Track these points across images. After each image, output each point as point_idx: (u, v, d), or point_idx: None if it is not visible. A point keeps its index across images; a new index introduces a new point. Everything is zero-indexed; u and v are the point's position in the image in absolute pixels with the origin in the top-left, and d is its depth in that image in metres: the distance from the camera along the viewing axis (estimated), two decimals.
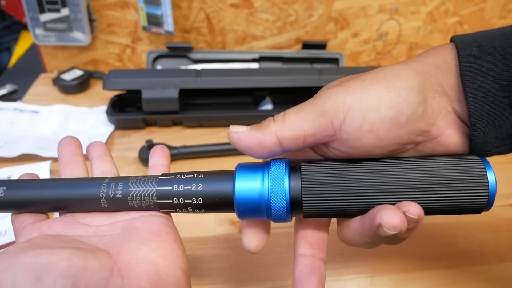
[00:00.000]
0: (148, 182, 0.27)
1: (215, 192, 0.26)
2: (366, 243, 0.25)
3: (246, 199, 0.25)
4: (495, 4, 0.74)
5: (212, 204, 0.26)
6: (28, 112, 0.61)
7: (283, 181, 0.25)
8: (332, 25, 0.72)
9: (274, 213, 0.25)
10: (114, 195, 0.26)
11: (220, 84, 0.58)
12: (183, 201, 0.26)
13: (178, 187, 0.26)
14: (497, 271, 0.41)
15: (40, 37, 0.67)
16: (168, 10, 0.64)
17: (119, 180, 0.27)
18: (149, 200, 0.26)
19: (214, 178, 0.26)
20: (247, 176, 0.26)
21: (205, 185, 0.26)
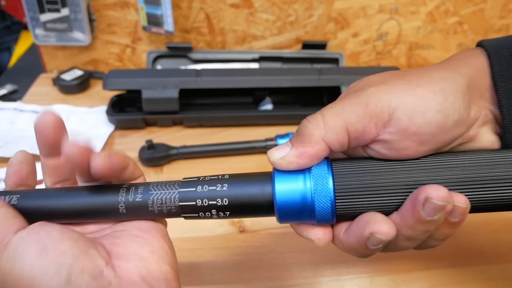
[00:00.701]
0: (170, 185, 0.26)
1: (247, 195, 0.25)
2: (410, 238, 0.23)
3: (287, 201, 0.24)
4: (495, 4, 0.74)
5: (241, 207, 0.25)
6: (28, 112, 0.61)
7: (326, 181, 0.23)
8: (332, 25, 0.72)
9: (318, 215, 0.24)
10: (133, 199, 0.25)
11: (220, 84, 0.58)
12: (207, 203, 0.25)
13: (201, 188, 0.25)
14: (497, 271, 0.41)
15: (40, 37, 0.67)
16: (168, 10, 0.64)
17: (139, 184, 0.26)
18: (170, 203, 0.25)
19: (243, 181, 0.25)
20: (287, 178, 0.24)
21: (231, 187, 0.25)
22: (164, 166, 0.53)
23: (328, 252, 0.42)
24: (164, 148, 0.53)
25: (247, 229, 0.44)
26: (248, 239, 0.43)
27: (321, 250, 0.42)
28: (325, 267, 0.40)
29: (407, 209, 0.23)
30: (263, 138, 0.55)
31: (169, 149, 0.53)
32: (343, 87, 0.59)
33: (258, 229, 0.44)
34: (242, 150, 0.55)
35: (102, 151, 0.24)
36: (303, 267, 0.40)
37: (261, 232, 0.44)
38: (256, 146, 0.55)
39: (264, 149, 0.55)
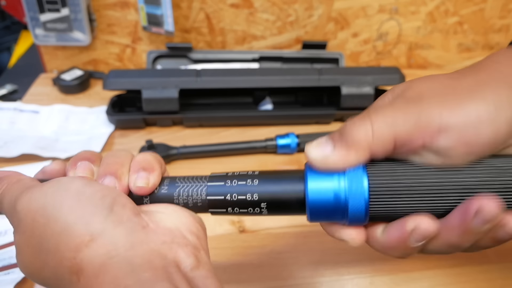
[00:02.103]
0: (197, 179, 0.25)
1: (278, 192, 0.24)
2: (452, 245, 0.23)
3: (320, 200, 0.23)
4: (495, 4, 0.74)
5: (272, 204, 0.24)
6: (28, 112, 0.61)
7: (361, 180, 0.23)
8: (332, 25, 0.72)
9: (351, 215, 0.23)
10: (159, 191, 0.25)
11: (220, 84, 0.58)
12: (237, 198, 0.24)
13: (231, 182, 0.25)
14: (497, 271, 0.41)
15: (40, 37, 0.67)
16: (168, 10, 0.64)
17: (165, 178, 0.26)
18: (197, 196, 0.25)
19: (275, 177, 0.25)
20: (320, 176, 0.24)
21: (262, 183, 0.24)
22: None
23: (328, 252, 0.42)
24: (164, 148, 0.53)
25: (247, 229, 0.44)
26: (248, 239, 0.43)
27: (321, 250, 0.42)
28: (325, 267, 0.40)
29: (454, 217, 0.22)
30: (263, 138, 0.55)
31: (169, 149, 0.53)
32: (343, 87, 0.59)
33: (258, 229, 0.44)
34: (242, 150, 0.55)
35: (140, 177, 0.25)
36: (303, 267, 0.40)
37: (261, 232, 0.44)
38: (256, 146, 0.55)
39: (264, 149, 0.55)
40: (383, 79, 0.60)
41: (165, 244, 0.22)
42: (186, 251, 0.22)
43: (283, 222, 0.45)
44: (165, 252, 0.21)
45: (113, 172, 0.24)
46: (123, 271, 0.20)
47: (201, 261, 0.23)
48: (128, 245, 0.21)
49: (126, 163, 0.25)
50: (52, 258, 0.21)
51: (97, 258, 0.20)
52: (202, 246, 0.24)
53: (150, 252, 0.21)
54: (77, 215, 0.21)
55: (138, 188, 0.25)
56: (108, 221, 0.21)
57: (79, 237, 0.21)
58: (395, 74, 0.61)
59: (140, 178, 0.25)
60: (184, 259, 0.22)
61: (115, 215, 0.22)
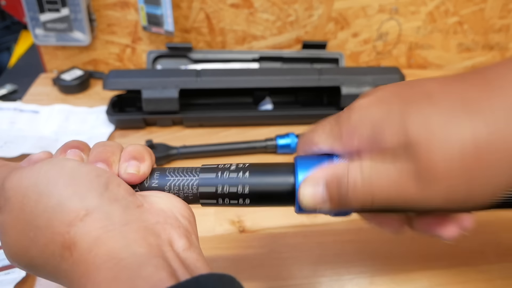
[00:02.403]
0: (188, 171, 0.26)
1: (268, 184, 0.25)
2: None
3: None
4: (495, 4, 0.74)
5: (262, 196, 0.25)
6: (28, 112, 0.61)
7: None
8: (332, 25, 0.72)
9: None
10: (149, 184, 0.26)
11: (220, 84, 0.58)
12: (228, 189, 0.25)
13: (222, 174, 0.25)
14: (497, 271, 0.41)
15: (40, 37, 0.67)
16: (168, 10, 0.64)
17: (155, 170, 0.26)
18: (188, 190, 0.26)
19: (265, 169, 0.25)
20: (310, 168, 0.24)
21: (253, 175, 0.25)
22: (164, 166, 0.53)
23: (328, 252, 0.42)
24: (164, 148, 0.53)
25: (247, 229, 0.44)
26: (248, 239, 0.43)
27: (321, 250, 0.42)
28: (325, 267, 0.40)
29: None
30: (263, 138, 0.55)
31: (169, 149, 0.53)
32: (343, 87, 0.59)
33: (258, 229, 0.44)
34: (242, 150, 0.55)
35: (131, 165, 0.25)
36: (303, 267, 0.40)
37: (261, 232, 0.44)
38: (256, 146, 0.55)
39: (264, 149, 0.55)
40: (383, 79, 0.60)
41: (158, 224, 0.22)
42: (178, 232, 0.23)
43: (283, 222, 0.45)
44: (159, 231, 0.22)
45: (104, 159, 0.24)
46: (118, 245, 0.20)
47: (193, 243, 0.23)
48: (123, 221, 0.21)
49: (116, 152, 0.25)
50: (42, 234, 0.21)
51: (92, 232, 0.20)
52: (193, 231, 0.25)
53: (145, 229, 0.21)
54: (72, 191, 0.21)
55: (129, 175, 0.25)
56: (104, 197, 0.21)
57: (74, 211, 0.21)
58: (395, 74, 0.61)
59: (130, 166, 0.25)
60: (176, 240, 0.22)
61: (111, 193, 0.22)
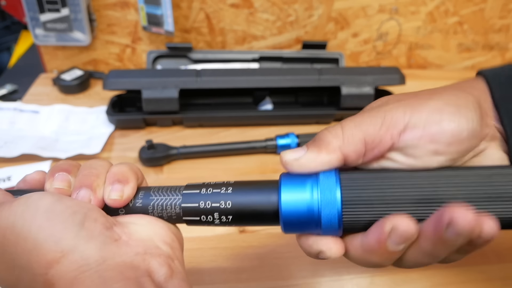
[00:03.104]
0: (172, 191, 0.26)
1: (251, 202, 0.24)
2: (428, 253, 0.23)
3: (293, 211, 0.23)
4: (495, 4, 0.74)
5: (245, 214, 0.24)
6: (28, 112, 0.61)
7: (334, 191, 0.23)
8: (332, 25, 0.72)
9: (325, 226, 0.23)
10: (134, 204, 0.25)
11: (220, 84, 0.58)
12: (210, 205, 0.25)
13: (206, 190, 0.25)
14: (497, 271, 0.41)
15: (40, 37, 0.67)
16: (168, 10, 0.64)
17: (140, 189, 0.26)
18: (171, 209, 0.25)
19: (249, 187, 0.25)
20: (294, 187, 0.24)
21: (236, 192, 0.25)
22: (164, 166, 0.53)
23: None
24: (164, 148, 0.53)
25: (247, 229, 0.44)
26: (248, 239, 0.43)
27: None
28: (325, 267, 0.40)
29: (428, 226, 0.22)
30: (263, 138, 0.55)
31: (169, 149, 0.53)
32: (343, 87, 0.59)
33: (258, 229, 0.44)
34: (242, 150, 0.55)
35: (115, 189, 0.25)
36: (303, 267, 0.40)
37: (261, 232, 0.44)
38: (256, 146, 0.55)
39: (264, 149, 0.55)
40: (383, 79, 0.60)
41: (137, 256, 0.22)
42: (159, 261, 0.23)
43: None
44: (138, 263, 0.22)
45: (89, 184, 0.25)
46: (94, 284, 0.20)
47: (175, 270, 0.23)
48: (100, 259, 0.21)
49: (102, 174, 0.26)
50: (25, 274, 0.21)
51: (68, 274, 0.20)
52: (176, 256, 0.25)
53: (122, 264, 0.21)
54: (47, 233, 0.21)
55: (112, 201, 0.25)
56: (79, 236, 0.21)
57: (50, 254, 0.21)
58: (395, 74, 0.61)
59: (114, 190, 0.25)
60: (157, 269, 0.22)
61: (86, 230, 0.22)
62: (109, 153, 0.55)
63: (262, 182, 0.25)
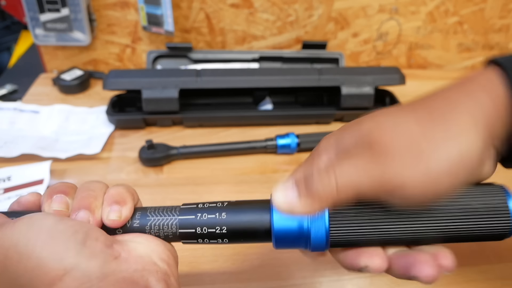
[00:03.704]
0: (168, 211, 0.27)
1: (245, 224, 0.26)
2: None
3: (285, 230, 0.25)
4: (495, 4, 0.74)
5: (239, 235, 0.26)
6: (28, 112, 0.61)
7: (323, 212, 0.25)
8: (332, 25, 0.72)
9: (313, 243, 0.25)
10: (131, 225, 0.26)
11: (220, 84, 0.58)
12: (206, 230, 0.26)
13: (201, 216, 0.26)
14: (497, 271, 0.41)
15: (40, 37, 0.67)
16: (168, 10, 0.64)
17: (137, 210, 0.27)
18: (168, 229, 0.26)
19: (242, 209, 0.26)
20: None
21: (230, 215, 0.26)
22: (164, 166, 0.53)
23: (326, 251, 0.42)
24: (164, 148, 0.53)
25: None
26: None
27: None
28: (325, 267, 0.40)
29: (399, 268, 0.25)
30: (263, 138, 0.55)
31: (169, 149, 0.53)
32: (343, 87, 0.59)
33: None
34: (242, 150, 0.55)
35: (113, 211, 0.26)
36: (303, 267, 0.40)
37: None
38: (256, 146, 0.55)
39: (264, 149, 0.55)
40: (383, 79, 0.60)
41: (136, 272, 0.23)
42: (156, 277, 0.24)
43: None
44: (137, 279, 0.23)
45: (87, 206, 0.25)
46: None
47: (171, 286, 0.24)
48: (101, 276, 0.22)
49: (99, 196, 0.26)
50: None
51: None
52: (172, 272, 0.26)
53: (122, 280, 0.22)
54: (50, 251, 0.22)
55: (111, 221, 0.26)
56: (81, 255, 0.22)
57: (53, 272, 0.21)
58: (395, 74, 0.61)
59: (112, 211, 0.26)
60: (154, 285, 0.23)
61: (88, 249, 0.22)
62: (109, 153, 0.55)
63: (254, 202, 0.27)
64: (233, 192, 0.50)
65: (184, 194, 0.49)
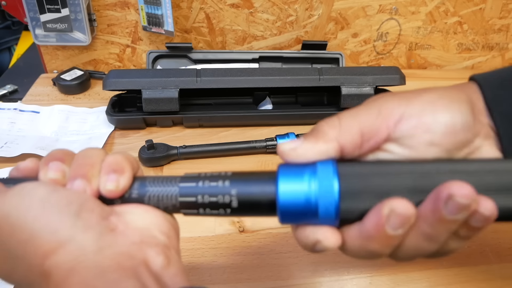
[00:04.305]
0: (168, 181, 0.25)
1: (249, 193, 0.24)
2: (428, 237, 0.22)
3: (291, 202, 0.23)
4: (495, 4, 0.74)
5: (243, 206, 0.24)
6: (28, 112, 0.61)
7: (331, 182, 0.23)
8: (332, 25, 0.72)
9: (322, 217, 0.23)
10: (129, 194, 0.25)
11: (220, 84, 0.58)
12: (208, 199, 0.24)
13: (203, 183, 0.25)
14: (497, 271, 0.41)
15: (40, 37, 0.67)
16: (168, 10, 0.64)
17: (136, 179, 0.26)
18: (167, 200, 0.25)
19: (247, 179, 0.25)
20: (291, 178, 0.24)
21: (234, 184, 0.24)
22: (164, 166, 0.53)
23: (328, 252, 0.42)
24: (164, 148, 0.53)
25: (247, 229, 0.44)
26: (248, 239, 0.43)
27: None
28: (325, 267, 0.40)
29: (427, 205, 0.22)
30: (263, 138, 0.55)
31: (169, 149, 0.53)
32: (343, 87, 0.59)
33: (258, 229, 0.44)
34: (242, 150, 0.55)
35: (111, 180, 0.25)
36: (303, 267, 0.40)
37: (261, 232, 0.44)
38: (256, 146, 0.55)
39: (264, 149, 0.55)
40: (383, 79, 0.60)
41: (134, 245, 0.22)
42: (156, 250, 0.23)
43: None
44: (134, 252, 0.22)
45: (83, 174, 0.24)
46: (91, 274, 0.20)
47: (171, 259, 0.23)
48: (96, 249, 0.21)
49: (97, 163, 0.25)
50: (21, 263, 0.21)
51: (65, 264, 0.20)
52: (172, 245, 0.24)
53: (119, 254, 0.21)
54: (42, 223, 0.21)
55: (108, 191, 0.24)
56: (76, 227, 0.21)
57: (46, 244, 0.21)
58: (395, 74, 0.61)
59: (110, 181, 0.24)
60: (153, 258, 0.22)
61: (83, 220, 0.22)
62: None
63: (260, 173, 0.25)
64: None
65: None
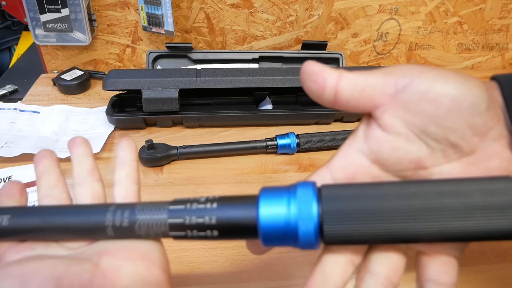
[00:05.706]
0: (156, 208, 0.25)
1: (234, 219, 0.24)
2: None
3: (271, 226, 0.23)
4: (495, 4, 0.74)
5: (229, 231, 0.24)
6: (28, 112, 0.61)
7: (310, 205, 0.23)
8: (332, 25, 0.72)
9: (302, 240, 0.23)
10: (121, 223, 0.25)
11: (220, 84, 0.58)
12: (195, 221, 0.24)
13: (191, 205, 0.25)
14: (497, 271, 0.41)
15: (40, 37, 0.67)
16: (168, 10, 0.64)
17: (125, 207, 0.26)
18: (157, 228, 0.25)
19: (231, 203, 0.25)
20: (272, 202, 0.24)
21: (220, 209, 0.24)
22: (164, 166, 0.53)
23: None
24: (164, 148, 0.53)
25: None
26: None
27: None
28: None
29: None
30: (263, 138, 0.55)
31: (169, 149, 0.53)
32: None
33: None
34: (242, 150, 0.55)
35: None
36: (303, 267, 0.40)
37: None
38: (256, 146, 0.55)
39: (264, 149, 0.55)
40: None
41: None
42: None
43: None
44: None
45: None
46: None
47: None
48: None
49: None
50: None
51: None
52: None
53: None
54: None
55: None
56: None
57: None
58: None
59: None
60: None
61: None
62: (109, 153, 0.55)
63: (243, 197, 0.25)
64: (233, 193, 0.50)
65: (184, 194, 0.49)
